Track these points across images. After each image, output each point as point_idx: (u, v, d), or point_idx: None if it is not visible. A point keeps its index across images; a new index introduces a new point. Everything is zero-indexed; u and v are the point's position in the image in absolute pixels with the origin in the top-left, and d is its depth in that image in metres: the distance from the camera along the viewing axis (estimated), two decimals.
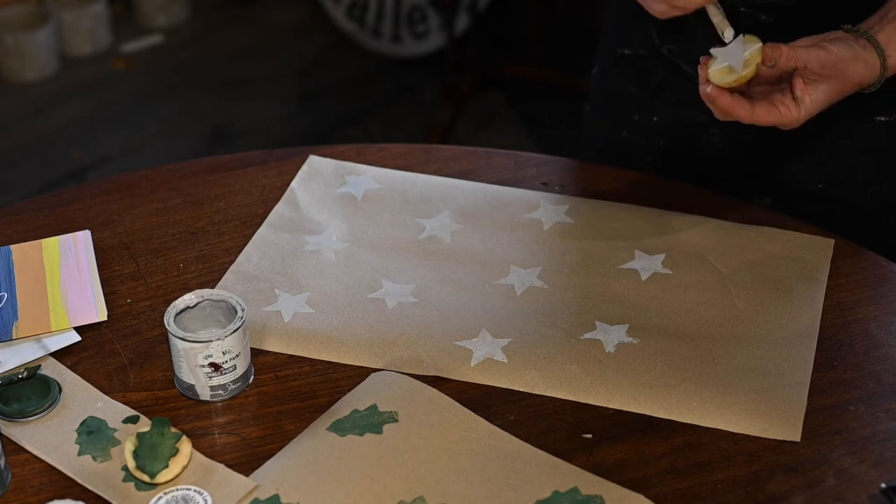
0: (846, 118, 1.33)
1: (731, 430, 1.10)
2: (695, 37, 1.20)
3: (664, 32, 1.39)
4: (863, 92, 1.21)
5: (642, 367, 1.15)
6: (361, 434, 1.08)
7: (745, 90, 1.20)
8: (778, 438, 1.09)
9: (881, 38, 1.19)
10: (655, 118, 1.46)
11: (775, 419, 1.11)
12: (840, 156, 1.38)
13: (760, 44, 1.15)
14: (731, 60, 1.16)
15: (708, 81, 1.16)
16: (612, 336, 1.19)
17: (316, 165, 1.42)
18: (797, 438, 1.09)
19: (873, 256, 1.28)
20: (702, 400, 1.12)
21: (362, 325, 1.20)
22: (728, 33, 1.16)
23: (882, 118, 1.34)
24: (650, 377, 1.14)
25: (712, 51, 1.17)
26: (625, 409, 1.12)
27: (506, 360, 1.16)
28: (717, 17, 1.17)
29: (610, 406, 1.12)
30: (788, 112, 1.18)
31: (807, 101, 1.18)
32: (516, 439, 1.08)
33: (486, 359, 1.16)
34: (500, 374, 1.15)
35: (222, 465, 1.06)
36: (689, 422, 1.10)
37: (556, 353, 1.17)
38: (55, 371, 1.15)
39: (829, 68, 1.17)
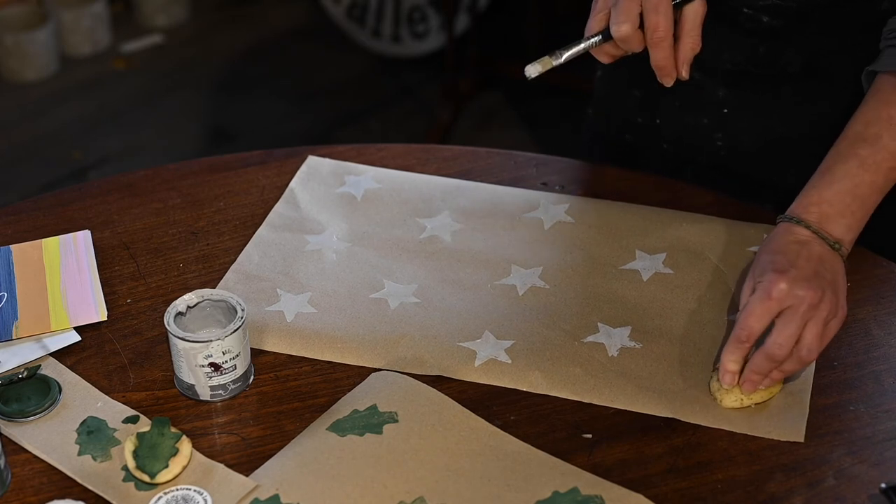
0: None
1: (734, 431, 1.10)
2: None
3: None
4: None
5: (646, 373, 1.15)
6: (361, 434, 1.08)
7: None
8: (782, 439, 1.09)
9: (835, 231, 1.15)
10: (658, 121, 1.45)
11: (778, 420, 1.10)
12: None
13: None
14: None
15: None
16: (614, 339, 1.19)
17: (314, 165, 1.41)
18: (801, 439, 1.09)
19: (873, 256, 1.28)
20: (705, 403, 1.12)
21: (365, 326, 1.20)
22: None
23: None
24: (654, 382, 1.14)
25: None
26: (628, 409, 1.12)
27: (509, 362, 1.16)
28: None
29: (613, 406, 1.12)
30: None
31: None
32: (516, 439, 1.08)
33: (489, 360, 1.16)
34: (503, 374, 1.15)
35: (222, 465, 1.06)
36: (693, 422, 1.10)
37: (560, 355, 1.17)
38: (55, 371, 1.15)
39: None
